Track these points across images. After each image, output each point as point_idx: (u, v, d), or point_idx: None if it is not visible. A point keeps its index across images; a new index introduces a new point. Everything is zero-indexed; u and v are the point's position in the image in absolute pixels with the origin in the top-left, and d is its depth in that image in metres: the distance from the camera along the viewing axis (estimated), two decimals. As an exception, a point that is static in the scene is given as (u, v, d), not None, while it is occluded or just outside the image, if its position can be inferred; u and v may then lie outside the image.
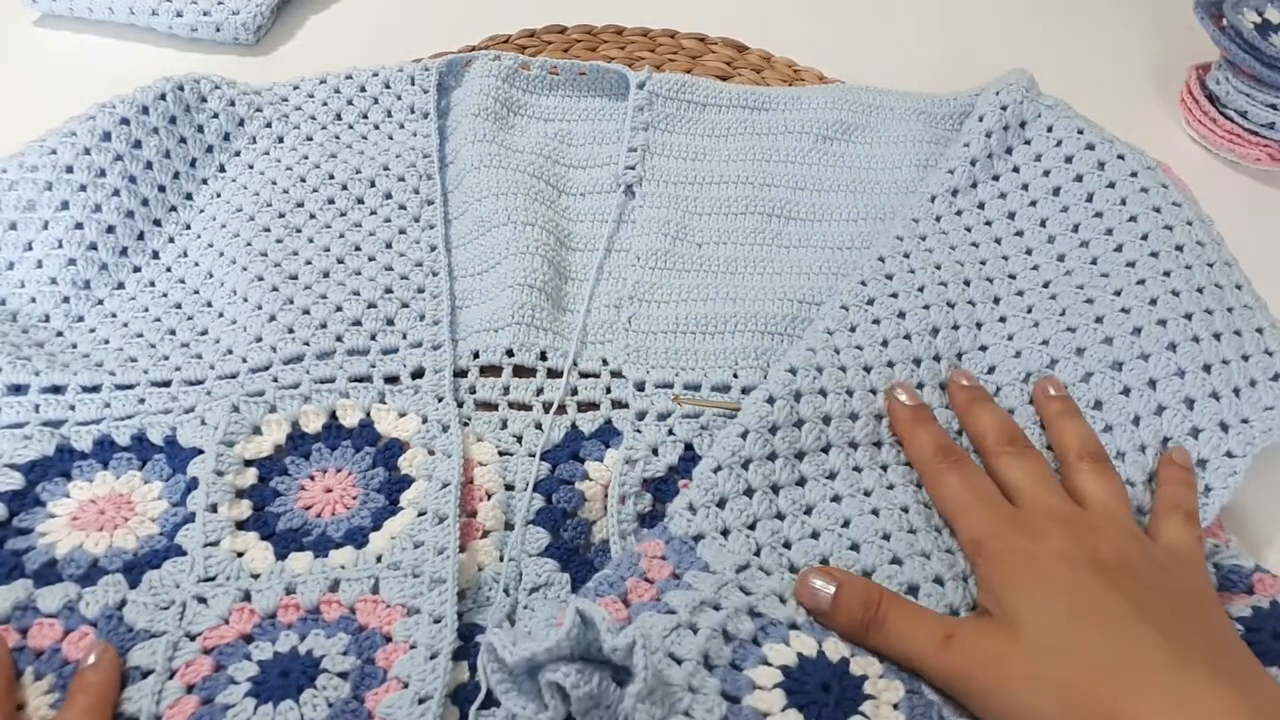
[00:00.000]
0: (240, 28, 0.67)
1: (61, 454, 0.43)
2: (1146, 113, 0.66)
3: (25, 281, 0.49)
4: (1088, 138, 0.52)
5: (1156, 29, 0.73)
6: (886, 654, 0.37)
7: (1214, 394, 0.43)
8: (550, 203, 0.55)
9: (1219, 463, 0.42)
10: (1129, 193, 0.50)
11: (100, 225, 0.51)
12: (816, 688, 0.34)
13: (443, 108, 0.59)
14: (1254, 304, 0.46)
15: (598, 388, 0.48)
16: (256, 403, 0.45)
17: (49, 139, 0.52)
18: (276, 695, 0.36)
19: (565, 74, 0.60)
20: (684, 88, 0.58)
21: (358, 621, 0.38)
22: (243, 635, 0.38)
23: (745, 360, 0.48)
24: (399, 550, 0.40)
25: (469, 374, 0.48)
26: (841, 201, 0.55)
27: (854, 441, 0.43)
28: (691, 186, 0.55)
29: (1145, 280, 0.47)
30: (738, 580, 0.38)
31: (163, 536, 0.41)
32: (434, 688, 0.35)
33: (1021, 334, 0.47)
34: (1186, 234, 0.48)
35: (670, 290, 0.51)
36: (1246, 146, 0.61)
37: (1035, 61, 0.57)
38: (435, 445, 0.44)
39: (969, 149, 0.53)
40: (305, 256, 0.51)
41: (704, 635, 0.35)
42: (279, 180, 0.54)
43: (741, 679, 0.34)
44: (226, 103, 0.56)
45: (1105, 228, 0.49)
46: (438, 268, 0.51)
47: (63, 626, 0.38)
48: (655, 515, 0.43)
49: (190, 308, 0.50)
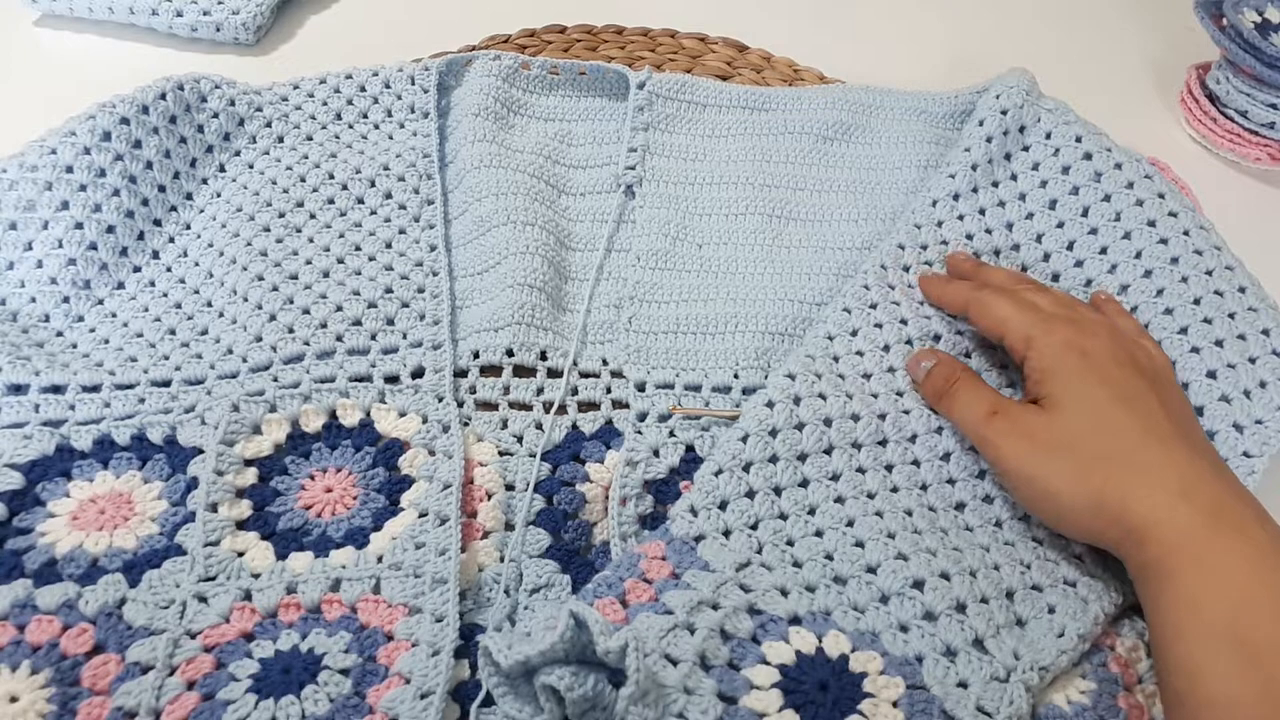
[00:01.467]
0: (240, 28, 0.67)
1: (61, 453, 0.43)
2: (1147, 112, 0.67)
3: (25, 281, 0.49)
4: (1085, 147, 0.52)
5: (1156, 29, 0.73)
6: (952, 420, 0.43)
7: (1224, 398, 0.43)
8: (550, 203, 0.55)
9: (1237, 462, 0.42)
10: (1124, 207, 0.50)
11: (100, 225, 0.51)
12: (814, 687, 0.34)
13: (443, 107, 0.59)
14: (1259, 306, 0.46)
15: (598, 388, 0.48)
16: (256, 402, 0.45)
17: (49, 139, 0.52)
18: (278, 691, 0.36)
19: (565, 74, 0.60)
20: (684, 88, 0.58)
21: (359, 620, 0.38)
22: (244, 634, 0.38)
23: (746, 361, 0.48)
24: (400, 551, 0.40)
25: (469, 374, 0.48)
26: (842, 202, 0.55)
27: (857, 442, 0.43)
28: (692, 187, 0.55)
29: (1138, 307, 0.48)
30: (738, 578, 0.38)
31: (162, 536, 0.41)
32: (436, 683, 0.36)
33: None
34: (1182, 245, 0.48)
35: (671, 290, 0.51)
36: (1246, 146, 0.61)
37: (1035, 61, 0.57)
38: (436, 445, 0.44)
39: (969, 154, 0.53)
40: (305, 256, 0.51)
41: (701, 635, 0.34)
42: (279, 180, 0.54)
43: (739, 679, 0.34)
44: (226, 102, 0.56)
45: (1099, 246, 0.50)
46: (438, 267, 0.51)
47: (61, 623, 0.38)
48: (656, 517, 0.43)
49: (190, 307, 0.50)
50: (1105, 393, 0.40)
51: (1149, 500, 0.36)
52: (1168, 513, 0.35)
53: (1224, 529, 0.35)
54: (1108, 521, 0.37)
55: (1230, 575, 0.34)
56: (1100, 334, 0.42)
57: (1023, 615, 0.38)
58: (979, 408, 0.42)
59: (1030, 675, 0.35)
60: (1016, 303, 0.44)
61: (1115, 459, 0.37)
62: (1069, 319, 0.43)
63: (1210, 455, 0.40)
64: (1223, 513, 0.35)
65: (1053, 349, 0.41)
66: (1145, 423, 0.39)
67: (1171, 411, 0.40)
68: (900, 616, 0.37)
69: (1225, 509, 0.35)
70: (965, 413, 0.42)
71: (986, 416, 0.41)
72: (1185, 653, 0.33)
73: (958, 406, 0.43)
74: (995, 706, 0.35)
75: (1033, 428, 0.40)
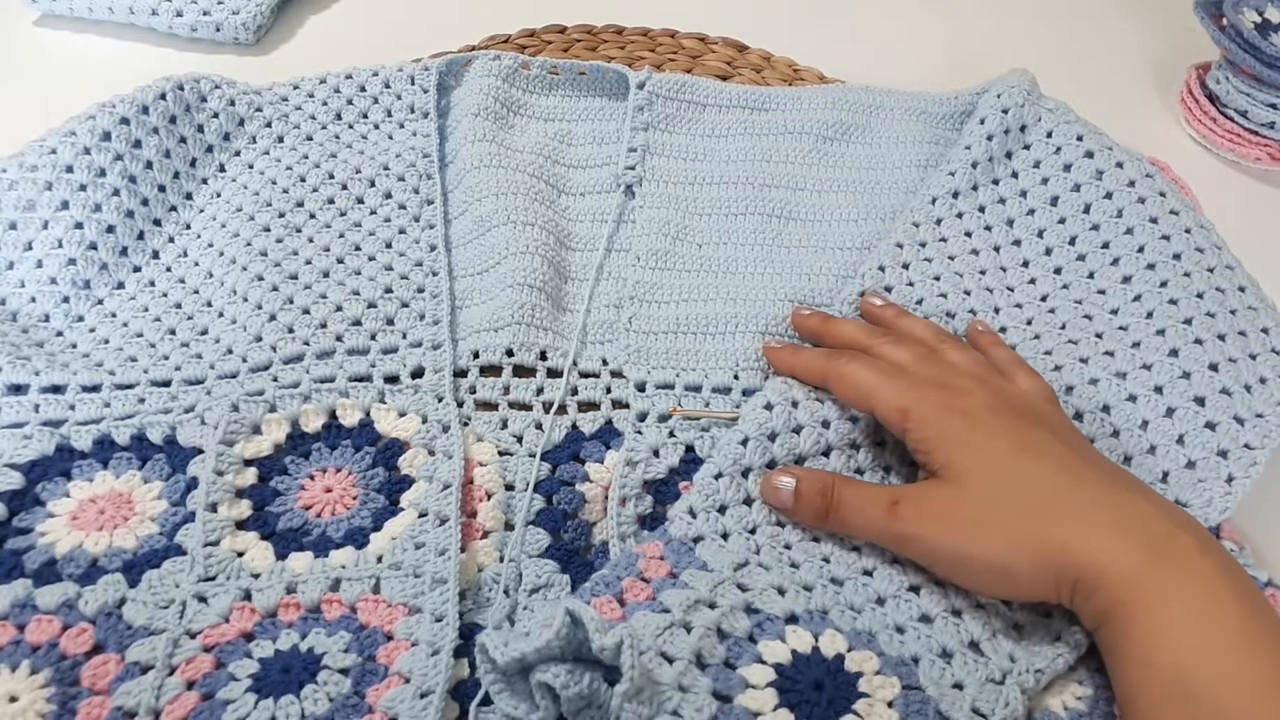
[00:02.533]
0: (240, 28, 0.67)
1: (61, 453, 0.43)
2: (1147, 113, 0.67)
3: (25, 281, 0.49)
4: (1086, 145, 0.52)
5: (1156, 29, 0.73)
6: (847, 533, 0.39)
7: (1225, 390, 0.43)
8: (550, 203, 0.55)
9: (1239, 453, 0.42)
10: (1126, 204, 0.50)
11: (100, 225, 0.51)
12: (809, 686, 0.34)
13: (443, 107, 0.59)
14: (1258, 305, 0.46)
15: (598, 388, 0.48)
16: (256, 402, 0.45)
17: (49, 139, 0.52)
18: (277, 691, 0.36)
19: (565, 74, 0.60)
20: (684, 88, 0.58)
21: (359, 620, 0.38)
22: (243, 634, 0.38)
23: (746, 361, 0.48)
24: (400, 551, 0.40)
25: (469, 374, 0.48)
26: (842, 202, 0.55)
27: (855, 444, 0.43)
28: (691, 187, 0.55)
29: (1141, 295, 0.47)
30: (735, 578, 0.38)
31: (162, 536, 0.41)
32: (436, 683, 0.36)
33: (1024, 345, 0.47)
34: (1184, 242, 0.48)
35: (671, 290, 0.51)
36: (1246, 146, 0.61)
37: (1036, 61, 0.57)
38: (436, 445, 0.44)
39: (970, 151, 0.53)
40: (305, 256, 0.51)
41: (697, 634, 0.34)
42: (279, 180, 0.54)
43: (734, 677, 0.34)
44: (226, 102, 0.56)
45: (1102, 241, 0.50)
46: (438, 267, 0.51)
47: (60, 622, 0.38)
48: (656, 517, 0.43)
49: (190, 307, 0.50)
50: (1003, 447, 0.37)
51: (1092, 543, 0.34)
52: (1111, 556, 0.34)
53: (1166, 566, 0.33)
54: (1056, 576, 0.35)
55: (1175, 622, 0.32)
56: (972, 389, 0.40)
57: (1019, 619, 0.38)
58: (875, 507, 0.38)
59: (1026, 678, 0.35)
60: (879, 370, 0.41)
61: (1041, 511, 0.35)
62: (937, 382, 0.40)
63: (1122, 476, 0.38)
64: (1162, 546, 0.34)
65: (932, 417, 0.38)
66: (1053, 466, 0.37)
67: (1070, 443, 0.39)
68: (896, 618, 0.37)
69: (1163, 541, 0.34)
70: (861, 518, 0.39)
71: (888, 512, 0.38)
72: (1142, 711, 0.32)
73: (850, 515, 0.39)
74: (990, 708, 0.35)
75: (945, 505, 0.37)
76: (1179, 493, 0.42)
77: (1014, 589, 0.36)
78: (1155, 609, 0.32)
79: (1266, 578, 0.40)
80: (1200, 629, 0.32)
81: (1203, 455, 0.42)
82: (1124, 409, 0.44)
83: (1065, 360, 0.46)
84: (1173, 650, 0.32)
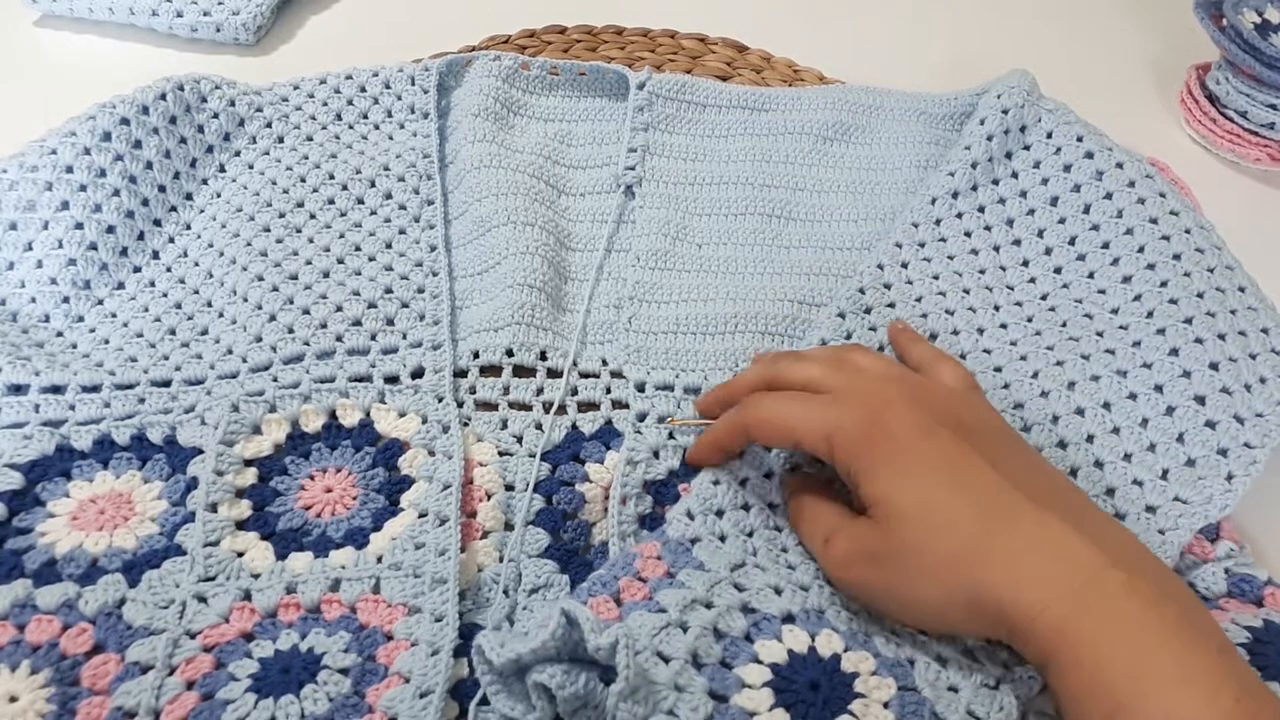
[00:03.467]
0: (240, 28, 0.67)
1: (61, 454, 0.43)
2: (1147, 112, 0.67)
3: (25, 281, 0.49)
4: (1086, 145, 0.52)
5: (1156, 29, 0.73)
6: None
7: (1225, 389, 0.43)
8: (550, 203, 0.55)
9: (1239, 452, 0.42)
10: (1126, 204, 0.50)
11: (100, 225, 0.51)
12: (805, 686, 0.34)
13: (443, 108, 0.59)
14: (1258, 305, 0.46)
15: (598, 388, 0.48)
16: (256, 402, 0.45)
17: (49, 139, 0.52)
18: (277, 690, 0.36)
19: (565, 74, 0.60)
20: (684, 88, 0.58)
21: (359, 620, 0.38)
22: (243, 634, 0.38)
23: (746, 362, 0.48)
24: (400, 551, 0.40)
25: (469, 374, 0.48)
26: (841, 202, 0.55)
27: None
28: (691, 187, 0.55)
29: (1141, 295, 0.47)
30: (732, 578, 0.38)
31: (162, 536, 0.41)
32: (435, 683, 0.36)
33: (1025, 340, 0.47)
34: (1184, 242, 0.48)
35: (670, 291, 0.51)
36: (1246, 146, 0.61)
37: (1036, 62, 0.57)
38: (435, 446, 0.44)
39: (970, 152, 0.53)
40: (305, 256, 0.51)
41: (694, 633, 0.34)
42: (279, 180, 0.55)
43: (730, 677, 0.34)
44: (226, 103, 0.56)
45: (1102, 241, 0.50)
46: (438, 268, 0.52)
47: (61, 623, 0.38)
48: (655, 517, 0.43)
49: (190, 307, 0.50)
50: (932, 480, 0.35)
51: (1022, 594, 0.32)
52: (1040, 607, 0.32)
53: (1092, 613, 0.32)
54: (992, 623, 0.33)
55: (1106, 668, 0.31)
56: (891, 398, 0.37)
57: None
58: (815, 539, 0.38)
59: (1020, 685, 0.35)
60: (790, 398, 0.39)
61: (971, 555, 0.34)
62: (853, 391, 0.38)
63: (1053, 496, 0.36)
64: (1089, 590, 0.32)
65: (854, 441, 0.36)
66: (985, 500, 0.34)
67: (998, 455, 0.36)
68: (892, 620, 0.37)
69: (1091, 585, 0.32)
70: (806, 543, 0.39)
71: (823, 546, 0.38)
72: None
73: (802, 535, 0.40)
74: (985, 712, 0.34)
75: (872, 547, 0.36)
76: (1179, 490, 0.42)
77: (954, 631, 0.36)
78: (1085, 659, 0.31)
79: (1266, 577, 0.40)
80: (1133, 672, 0.31)
81: (1203, 453, 0.42)
82: (1125, 406, 0.44)
83: (1067, 356, 0.46)
84: (1108, 697, 0.31)
